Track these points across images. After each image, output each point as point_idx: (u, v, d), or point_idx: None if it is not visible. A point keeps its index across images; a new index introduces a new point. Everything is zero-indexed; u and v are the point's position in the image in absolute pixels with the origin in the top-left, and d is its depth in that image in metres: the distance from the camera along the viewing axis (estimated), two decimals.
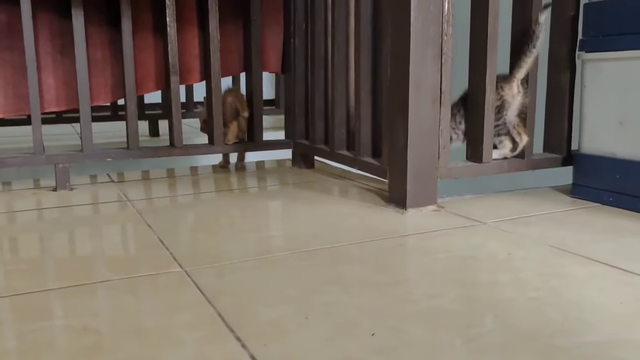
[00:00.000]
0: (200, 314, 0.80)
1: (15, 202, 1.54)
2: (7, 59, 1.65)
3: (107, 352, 0.70)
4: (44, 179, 1.81)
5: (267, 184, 1.77)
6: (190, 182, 1.81)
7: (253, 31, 1.85)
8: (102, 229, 1.30)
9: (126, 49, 1.70)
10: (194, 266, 1.00)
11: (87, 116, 1.69)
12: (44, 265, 1.04)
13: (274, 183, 1.78)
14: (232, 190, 1.67)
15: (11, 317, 0.81)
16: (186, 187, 1.75)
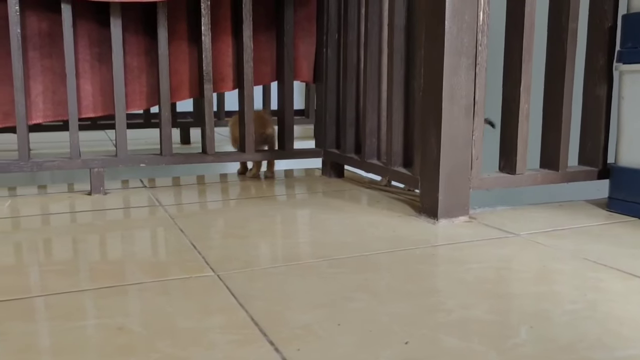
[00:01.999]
0: (232, 318, 0.81)
1: (50, 205, 1.57)
2: (48, 65, 1.69)
3: (141, 352, 0.71)
4: (77, 183, 1.85)
5: (296, 192, 1.77)
6: (220, 189, 1.83)
7: (286, 41, 1.87)
8: (136, 233, 1.32)
9: (162, 57, 1.73)
10: (225, 271, 1.01)
11: (123, 122, 1.72)
12: (78, 267, 1.06)
13: (303, 191, 1.78)
14: (262, 197, 1.68)
15: (47, 315, 0.83)
16: (216, 193, 1.76)
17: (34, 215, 1.46)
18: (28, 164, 1.62)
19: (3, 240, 1.23)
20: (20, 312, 0.84)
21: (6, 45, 1.60)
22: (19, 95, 1.59)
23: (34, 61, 1.67)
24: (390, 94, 1.53)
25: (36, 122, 1.72)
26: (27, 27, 1.63)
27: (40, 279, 0.98)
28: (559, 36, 1.43)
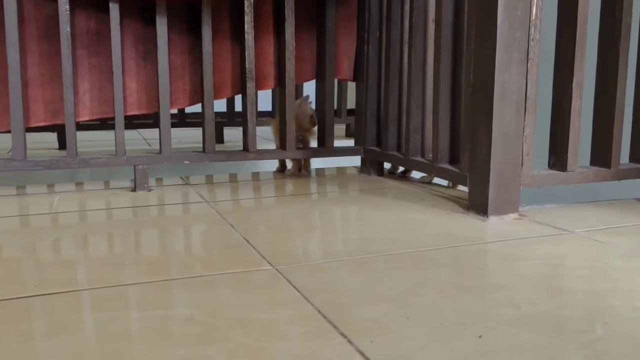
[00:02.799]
0: (300, 310, 0.81)
1: (98, 201, 1.59)
2: (95, 63, 1.71)
3: (217, 341, 0.71)
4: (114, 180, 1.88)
5: (339, 190, 1.77)
6: (261, 187, 1.83)
7: (327, 39, 1.87)
8: (188, 228, 1.33)
9: (206, 55, 1.74)
10: (284, 265, 1.01)
11: (167, 120, 1.74)
12: (139, 260, 1.08)
13: (345, 189, 1.78)
14: (306, 194, 1.68)
15: (114, 306, 0.84)
16: (259, 191, 1.77)
17: (86, 210, 1.48)
18: (76, 160, 1.65)
19: (60, 235, 1.25)
20: (89, 302, 0.85)
21: (55, 44, 1.63)
22: (68, 92, 1.61)
23: (81, 59, 1.69)
24: (437, 90, 1.52)
25: (83, 119, 1.75)
26: (75, 26, 1.66)
27: (103, 272, 0.99)
28: (612, 31, 1.41)
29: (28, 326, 0.77)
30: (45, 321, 0.79)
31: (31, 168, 1.61)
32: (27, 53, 1.63)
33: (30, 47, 1.63)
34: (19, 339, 0.73)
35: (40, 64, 1.65)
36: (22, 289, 0.90)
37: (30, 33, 1.63)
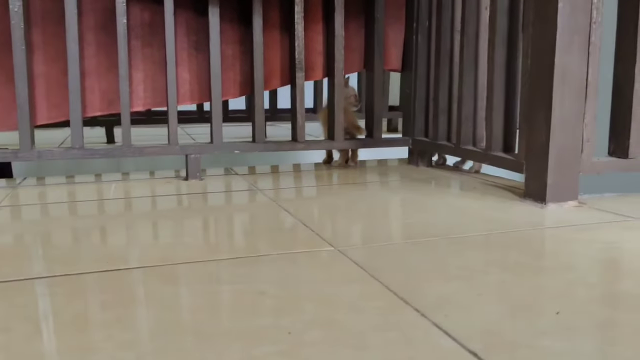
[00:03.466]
0: (368, 287, 0.81)
1: (156, 188, 1.62)
2: (148, 54, 1.75)
3: (291, 313, 0.72)
4: (160, 170, 1.91)
5: (389, 179, 1.76)
6: (310, 176, 1.84)
7: (377, 29, 1.87)
8: (245, 213, 1.34)
9: (256, 45, 1.76)
10: (344, 246, 1.01)
11: (218, 109, 1.76)
12: (206, 241, 1.09)
13: (396, 178, 1.78)
14: (356, 183, 1.68)
15: (189, 280, 0.85)
16: (308, 180, 1.78)
17: (145, 197, 1.51)
18: (131, 149, 1.68)
19: (132, 219, 1.28)
20: (167, 277, 0.87)
21: (111, 35, 1.67)
22: (124, 83, 1.65)
23: (135, 50, 1.73)
24: (491, 77, 1.51)
25: (136, 109, 1.78)
26: (130, 17, 1.69)
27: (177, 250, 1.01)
28: None
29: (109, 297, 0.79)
30: (135, 292, 0.81)
31: (89, 156, 1.65)
32: (85, 44, 1.67)
33: (87, 39, 1.68)
34: (99, 307, 0.74)
35: (97, 55, 1.69)
36: (123, 263, 0.93)
37: (88, 25, 1.67)
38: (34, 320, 0.71)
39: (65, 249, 1.05)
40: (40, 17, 1.63)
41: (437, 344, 0.63)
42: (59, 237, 1.12)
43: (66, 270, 0.89)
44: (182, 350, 0.62)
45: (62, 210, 1.37)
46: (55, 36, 1.64)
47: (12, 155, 1.60)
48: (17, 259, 0.98)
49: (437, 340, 0.64)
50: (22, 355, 0.61)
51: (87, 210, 1.37)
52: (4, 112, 1.65)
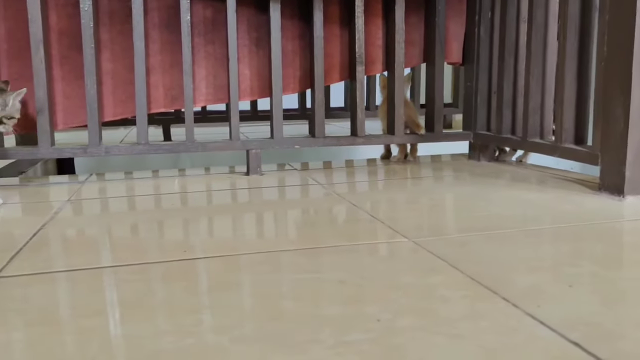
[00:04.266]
0: (451, 277, 0.79)
1: (219, 183, 1.64)
2: (210, 51, 1.77)
3: (375, 301, 0.70)
4: (216, 167, 1.93)
5: (451, 174, 1.73)
6: (370, 171, 1.82)
7: (438, 21, 1.84)
8: (311, 206, 1.34)
9: (317, 40, 1.75)
10: (418, 238, 0.99)
11: (279, 105, 1.77)
12: (278, 233, 1.09)
13: (458, 173, 1.74)
14: (418, 177, 1.66)
15: (268, 269, 0.85)
16: (369, 174, 1.76)
17: (210, 191, 1.53)
18: (194, 144, 1.71)
19: (203, 212, 1.30)
20: (244, 266, 0.87)
21: (175, 32, 1.70)
22: (187, 79, 1.67)
23: (198, 47, 1.75)
24: (562, 67, 1.46)
25: (199, 105, 1.81)
26: (193, 14, 1.71)
27: (251, 240, 1.02)
28: None
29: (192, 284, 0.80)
30: (216, 280, 0.81)
31: (154, 151, 1.69)
32: (149, 42, 1.70)
33: (152, 36, 1.71)
34: (185, 293, 0.75)
35: (161, 52, 1.72)
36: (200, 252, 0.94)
37: (153, 23, 1.71)
38: (123, 305, 0.72)
39: (143, 239, 1.06)
40: (108, 16, 1.67)
41: (533, 333, 0.61)
42: (135, 229, 1.14)
43: (145, 259, 0.91)
44: (274, 335, 0.62)
45: (133, 204, 1.40)
46: (121, 34, 1.68)
47: (81, 150, 1.64)
48: (99, 248, 1.00)
49: (532, 330, 0.61)
50: (118, 337, 0.62)
51: (158, 204, 1.39)
52: (72, 110, 1.69)
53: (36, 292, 0.77)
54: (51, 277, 0.83)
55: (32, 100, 1.58)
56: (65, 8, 1.63)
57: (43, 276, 0.83)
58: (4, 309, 0.71)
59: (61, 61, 1.65)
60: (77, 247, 1.01)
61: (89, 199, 1.44)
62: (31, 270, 0.86)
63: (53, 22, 1.63)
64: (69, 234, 1.10)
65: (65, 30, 1.64)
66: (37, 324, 0.66)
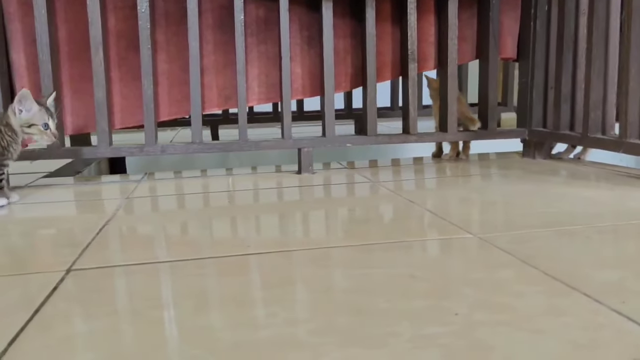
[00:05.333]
0: (522, 272, 0.77)
1: (269, 182, 1.64)
2: (263, 50, 1.78)
3: (449, 295, 0.69)
4: (262, 166, 1.93)
5: (507, 171, 1.69)
6: (422, 169, 1.80)
7: (492, 16, 1.80)
8: (368, 203, 1.33)
9: (369, 37, 1.74)
10: (484, 233, 0.97)
11: (331, 103, 1.76)
12: (340, 229, 1.09)
13: (514, 170, 1.70)
14: (473, 175, 1.63)
15: (334, 263, 0.85)
16: (422, 172, 1.74)
17: (266, 189, 1.54)
18: (247, 143, 1.72)
19: (263, 209, 1.31)
20: (313, 260, 0.87)
21: (228, 32, 1.71)
22: (241, 78, 1.68)
23: (250, 47, 1.76)
24: (626, 59, 1.41)
25: (251, 104, 1.82)
26: (246, 14, 1.73)
27: (315, 236, 1.02)
28: None
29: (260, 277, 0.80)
30: (286, 274, 0.81)
31: (208, 150, 1.71)
32: (203, 42, 1.72)
33: (206, 37, 1.73)
34: (253, 287, 0.75)
35: (215, 53, 1.74)
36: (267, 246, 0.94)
37: (207, 23, 1.73)
38: (196, 297, 0.72)
39: (204, 236, 1.08)
40: (163, 17, 1.70)
41: (622, 329, 0.58)
42: (194, 225, 1.15)
43: (209, 254, 0.92)
44: (349, 328, 0.61)
45: (190, 201, 1.42)
46: (176, 35, 1.71)
47: (137, 149, 1.67)
48: (162, 243, 1.02)
49: (621, 325, 0.59)
50: (193, 327, 0.63)
51: (215, 202, 1.41)
52: (129, 110, 1.73)
53: (108, 285, 0.79)
54: (120, 270, 0.85)
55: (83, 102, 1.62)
56: (123, 10, 1.67)
57: (113, 269, 0.85)
58: (80, 300, 0.73)
59: (119, 62, 1.69)
60: (141, 243, 1.03)
61: (147, 196, 1.47)
62: (101, 264, 0.88)
63: (111, 25, 1.67)
64: (131, 230, 1.12)
65: (123, 32, 1.68)
66: (113, 315, 0.67)
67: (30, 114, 1.33)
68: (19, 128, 1.33)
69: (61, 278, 0.80)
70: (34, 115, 1.33)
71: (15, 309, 0.69)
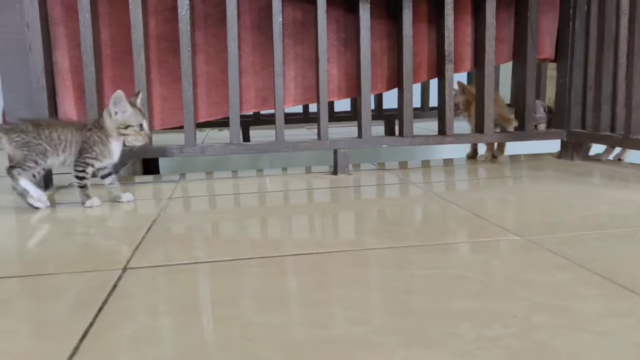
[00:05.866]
0: (577, 274, 0.77)
1: (312, 182, 1.66)
2: (299, 52, 1.79)
3: (504, 297, 0.69)
4: (291, 168, 1.94)
5: (546, 173, 1.67)
6: (459, 170, 1.79)
7: (530, 16, 1.79)
8: (408, 204, 1.33)
9: (406, 39, 1.74)
10: (531, 235, 0.97)
11: (367, 104, 1.77)
12: (383, 230, 1.09)
13: (553, 171, 1.68)
14: (512, 177, 1.62)
15: (386, 264, 0.85)
16: (459, 173, 1.73)
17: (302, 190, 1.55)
18: (284, 144, 1.73)
19: (304, 210, 1.32)
20: (360, 261, 0.88)
21: (265, 34, 1.73)
22: (279, 79, 1.70)
23: (287, 48, 1.78)
24: None
25: (287, 106, 1.83)
26: (283, 16, 1.74)
27: (360, 237, 1.02)
28: None
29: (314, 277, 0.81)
30: (339, 274, 0.82)
31: (246, 151, 1.73)
32: (241, 44, 1.74)
33: (244, 39, 1.75)
34: (313, 287, 0.76)
35: (253, 54, 1.76)
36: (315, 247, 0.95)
37: (245, 25, 1.75)
38: (251, 296, 0.74)
39: (252, 234, 1.09)
40: (202, 20, 1.72)
41: None
42: (241, 224, 1.17)
43: (260, 253, 0.93)
44: (409, 328, 0.62)
45: (233, 201, 1.44)
46: (215, 37, 1.73)
47: (177, 150, 1.70)
48: (210, 242, 1.04)
49: None
50: (256, 325, 0.64)
51: (258, 201, 1.42)
52: (169, 111, 1.76)
53: (165, 283, 0.80)
54: (175, 269, 0.86)
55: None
56: (163, 13, 1.70)
57: (167, 268, 0.87)
58: (141, 298, 0.74)
59: (159, 65, 1.72)
60: (191, 241, 1.05)
61: (188, 197, 1.49)
62: (155, 262, 0.90)
63: (151, 27, 1.70)
64: (179, 229, 1.14)
65: (163, 35, 1.71)
66: (174, 312, 0.69)
67: (125, 115, 1.36)
68: (115, 130, 1.36)
69: (119, 276, 0.82)
70: (129, 116, 1.36)
71: (80, 306, 0.71)
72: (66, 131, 1.34)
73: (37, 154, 1.31)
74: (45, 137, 1.32)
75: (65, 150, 1.34)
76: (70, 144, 1.34)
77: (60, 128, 1.34)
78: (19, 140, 1.31)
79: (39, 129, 1.32)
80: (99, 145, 1.35)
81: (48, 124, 1.35)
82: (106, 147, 1.37)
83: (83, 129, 1.36)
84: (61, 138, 1.33)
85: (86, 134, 1.35)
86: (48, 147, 1.32)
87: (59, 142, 1.33)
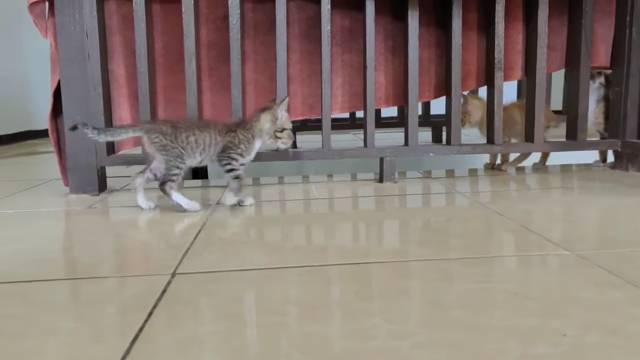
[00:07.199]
0: (632, 293, 0.74)
1: (358, 190, 1.66)
2: (347, 60, 1.80)
3: (556, 315, 0.68)
4: (337, 175, 1.94)
5: (599, 184, 1.62)
6: (507, 180, 1.76)
7: (585, 23, 1.75)
8: (456, 214, 1.32)
9: (455, 47, 1.73)
10: (582, 251, 0.94)
11: (415, 112, 1.76)
12: (429, 240, 1.09)
13: (606, 183, 1.63)
14: (563, 188, 1.58)
15: (434, 277, 0.85)
16: (507, 183, 1.70)
17: (347, 197, 1.55)
18: (331, 152, 1.74)
19: (351, 218, 1.32)
20: (404, 273, 0.87)
21: (313, 42, 1.75)
22: (326, 87, 1.71)
23: (335, 56, 1.79)
24: None
25: (334, 113, 1.84)
26: (331, 25, 1.75)
27: (405, 247, 1.02)
28: None
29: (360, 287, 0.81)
30: (383, 285, 0.82)
31: (294, 158, 1.74)
32: (290, 52, 1.76)
33: (292, 47, 1.77)
34: (359, 297, 0.77)
35: (301, 62, 1.78)
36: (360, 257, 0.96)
37: (293, 34, 1.77)
38: (298, 305, 0.74)
39: (300, 242, 1.10)
40: (252, 28, 1.75)
41: None
42: (287, 231, 1.18)
43: (306, 262, 0.94)
44: (455, 343, 0.61)
45: (280, 207, 1.45)
46: (263, 45, 1.76)
47: None
48: (259, 249, 1.05)
49: None
50: (302, 335, 0.65)
51: (306, 208, 1.44)
52: (218, 118, 1.79)
53: (213, 289, 0.82)
54: (223, 275, 0.88)
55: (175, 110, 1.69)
56: (214, 22, 1.73)
57: (215, 274, 0.89)
58: (190, 303, 0.76)
59: (209, 72, 1.76)
60: (238, 248, 1.07)
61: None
62: (203, 268, 0.92)
63: (202, 36, 1.74)
64: (227, 235, 1.16)
65: (213, 43, 1.74)
66: (223, 319, 0.70)
67: (283, 119, 1.46)
68: (270, 132, 1.45)
69: (168, 281, 0.85)
70: (286, 120, 1.46)
71: (130, 310, 0.74)
72: (204, 134, 1.40)
73: (175, 157, 1.36)
74: (182, 141, 1.37)
75: (203, 153, 1.41)
76: (209, 146, 1.40)
77: (199, 131, 1.40)
78: (157, 142, 1.36)
79: (177, 132, 1.37)
80: (244, 144, 1.43)
81: (186, 126, 1.40)
82: (251, 145, 1.44)
83: (226, 132, 1.42)
84: (199, 142, 1.39)
85: (231, 134, 1.42)
86: (183, 151, 1.37)
87: (196, 146, 1.39)
